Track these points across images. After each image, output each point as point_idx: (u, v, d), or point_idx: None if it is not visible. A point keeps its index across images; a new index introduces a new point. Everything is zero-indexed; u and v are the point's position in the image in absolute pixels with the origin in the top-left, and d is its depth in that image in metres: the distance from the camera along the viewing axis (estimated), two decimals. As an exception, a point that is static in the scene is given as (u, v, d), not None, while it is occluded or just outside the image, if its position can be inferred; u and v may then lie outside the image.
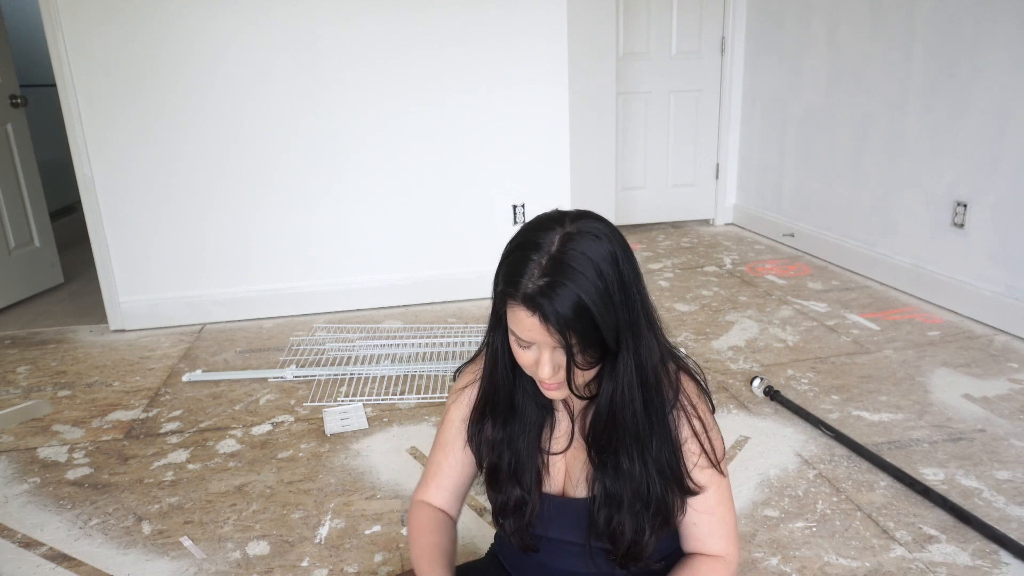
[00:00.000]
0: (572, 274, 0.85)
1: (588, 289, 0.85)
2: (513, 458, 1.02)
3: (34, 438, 2.23)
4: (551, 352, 0.89)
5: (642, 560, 1.00)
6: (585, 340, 0.86)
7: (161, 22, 2.86)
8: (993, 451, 1.96)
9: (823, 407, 2.24)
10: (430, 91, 3.13)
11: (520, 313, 0.87)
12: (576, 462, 1.03)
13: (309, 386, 2.51)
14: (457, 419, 1.09)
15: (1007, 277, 2.75)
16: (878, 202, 3.40)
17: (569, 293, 0.84)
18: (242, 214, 3.13)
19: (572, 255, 0.85)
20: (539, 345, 0.89)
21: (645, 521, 0.96)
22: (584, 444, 1.01)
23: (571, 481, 1.03)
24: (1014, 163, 2.67)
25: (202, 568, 1.62)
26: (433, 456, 1.13)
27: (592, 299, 0.85)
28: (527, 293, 0.85)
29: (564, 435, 1.03)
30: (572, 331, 0.85)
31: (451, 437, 1.10)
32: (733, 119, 4.54)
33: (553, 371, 0.89)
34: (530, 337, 0.88)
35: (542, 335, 0.86)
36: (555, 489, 1.04)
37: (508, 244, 0.92)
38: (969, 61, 2.81)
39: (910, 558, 1.57)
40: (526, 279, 0.86)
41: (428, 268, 3.34)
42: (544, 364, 0.89)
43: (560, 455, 1.04)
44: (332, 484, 1.92)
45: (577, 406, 1.03)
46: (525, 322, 0.87)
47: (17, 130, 3.50)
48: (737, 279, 3.54)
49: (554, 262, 0.85)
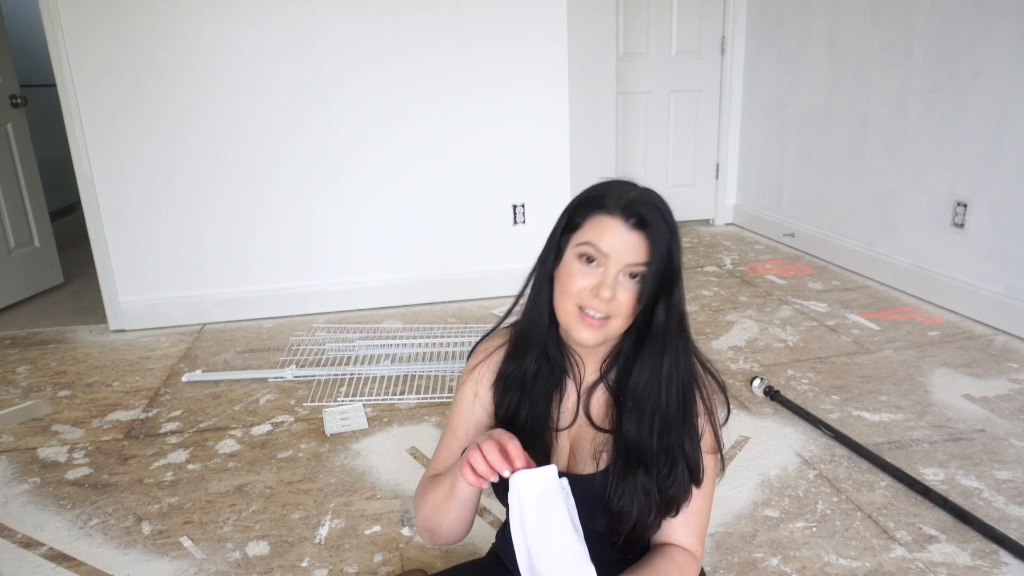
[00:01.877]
0: (666, 209, 0.92)
1: (675, 232, 0.92)
2: (526, 423, 1.02)
3: (34, 438, 2.23)
4: (616, 275, 0.91)
5: (642, 541, 1.00)
6: (658, 266, 0.90)
7: (161, 22, 2.86)
8: (993, 451, 1.96)
9: (823, 407, 2.24)
10: (430, 91, 3.13)
11: (614, 222, 0.91)
12: (582, 440, 1.03)
13: (309, 386, 2.51)
14: (469, 397, 1.08)
15: (1007, 277, 2.75)
16: (878, 202, 3.40)
17: (668, 218, 0.92)
18: (242, 214, 3.13)
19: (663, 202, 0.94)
20: (608, 265, 0.91)
21: (654, 498, 0.96)
22: (588, 423, 1.02)
23: (576, 458, 1.03)
24: (1014, 163, 2.67)
25: (202, 568, 1.62)
26: (443, 440, 1.12)
27: (675, 242, 0.92)
28: (631, 200, 0.91)
29: (570, 410, 1.03)
30: (657, 251, 0.90)
31: (462, 419, 1.09)
32: (733, 119, 4.54)
33: (612, 295, 0.90)
34: (611, 248, 0.90)
35: (629, 248, 0.90)
36: (560, 467, 1.03)
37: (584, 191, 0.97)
38: (969, 61, 2.81)
39: (910, 558, 1.57)
40: (623, 193, 0.92)
41: (428, 268, 3.34)
42: (607, 285, 0.90)
43: (564, 431, 1.04)
44: (332, 484, 1.92)
45: (588, 380, 1.03)
46: (615, 231, 0.90)
47: (17, 130, 3.50)
48: (737, 279, 3.54)
49: (650, 193, 0.94)
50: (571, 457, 1.04)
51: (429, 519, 1.05)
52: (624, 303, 0.91)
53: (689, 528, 1.01)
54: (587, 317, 0.92)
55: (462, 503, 0.99)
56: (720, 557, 1.59)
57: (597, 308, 0.91)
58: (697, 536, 1.02)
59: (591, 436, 1.02)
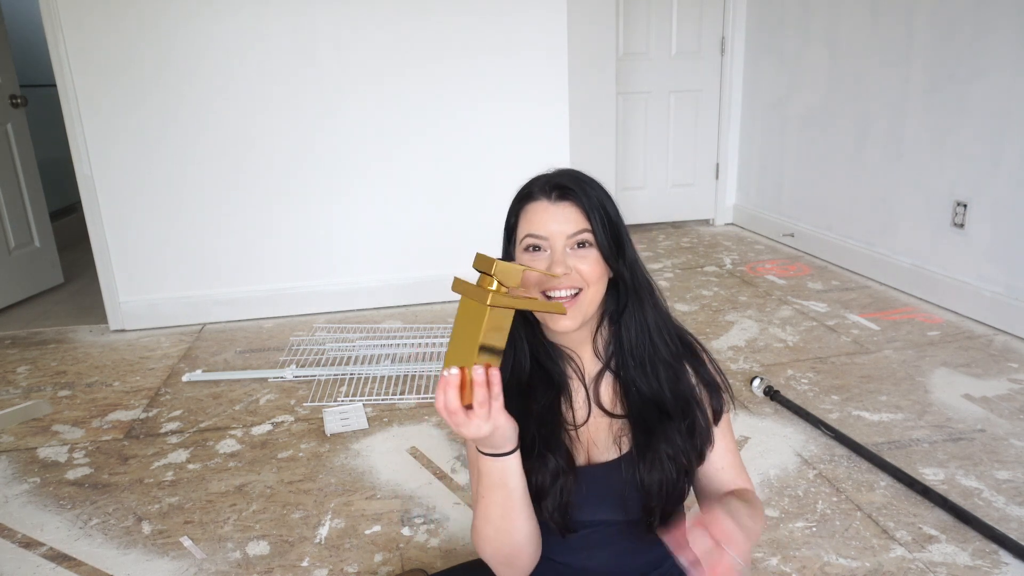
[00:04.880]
0: (586, 176, 0.97)
1: (603, 192, 0.96)
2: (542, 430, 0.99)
3: (34, 438, 2.23)
4: (562, 250, 0.93)
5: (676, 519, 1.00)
6: (600, 225, 0.93)
7: (159, 23, 2.87)
8: (993, 451, 1.96)
9: (823, 407, 2.24)
10: (430, 91, 3.13)
11: (539, 205, 0.95)
12: (599, 431, 1.03)
13: (309, 386, 2.51)
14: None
15: (1007, 277, 2.75)
16: (878, 202, 3.40)
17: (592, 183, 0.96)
18: (242, 214, 3.13)
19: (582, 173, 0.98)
20: (552, 245, 0.93)
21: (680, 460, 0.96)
22: (602, 412, 1.02)
23: (597, 448, 1.03)
24: (1014, 163, 2.67)
25: (202, 568, 1.62)
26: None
27: (608, 199, 0.96)
28: (548, 179, 0.96)
29: (582, 406, 1.03)
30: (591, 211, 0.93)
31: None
32: (733, 119, 4.54)
33: (565, 268, 0.92)
34: (545, 228, 0.93)
35: (561, 221, 0.93)
36: (582, 461, 1.02)
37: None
38: (969, 62, 2.81)
39: (910, 558, 1.57)
40: (542, 179, 0.97)
41: (428, 268, 3.34)
42: (557, 261, 0.92)
43: (583, 427, 1.03)
44: (332, 484, 1.92)
45: (590, 372, 1.03)
46: (542, 211, 0.94)
47: (17, 130, 3.50)
48: (737, 279, 3.55)
49: (567, 169, 0.98)
50: (592, 448, 1.03)
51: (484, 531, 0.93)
52: (585, 271, 0.93)
53: (741, 473, 1.05)
54: (560, 286, 0.93)
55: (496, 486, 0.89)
56: (720, 557, 1.59)
57: (559, 287, 0.93)
58: (743, 473, 1.05)
59: (608, 424, 1.02)
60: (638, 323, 0.98)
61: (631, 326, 0.98)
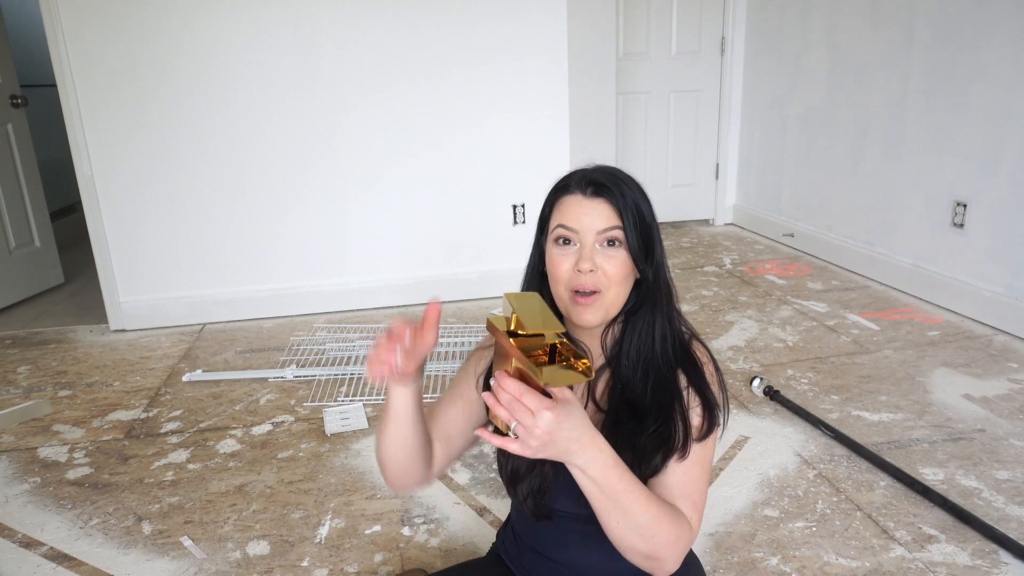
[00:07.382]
0: (623, 174, 0.97)
1: (639, 192, 0.96)
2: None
3: (34, 438, 2.23)
4: (591, 245, 0.93)
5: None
6: (632, 224, 0.93)
7: (160, 22, 2.87)
8: (993, 451, 1.97)
9: (823, 407, 2.24)
10: (430, 91, 3.13)
11: (574, 198, 0.95)
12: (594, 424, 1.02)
13: (309, 386, 2.51)
14: (470, 374, 1.07)
15: (1007, 277, 2.76)
16: (878, 202, 3.40)
17: (629, 182, 0.96)
18: (243, 214, 3.13)
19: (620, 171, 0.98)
20: (582, 239, 0.93)
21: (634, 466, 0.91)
22: (596, 409, 1.01)
23: None
24: (1014, 163, 2.68)
25: (202, 568, 1.62)
26: (436, 403, 1.09)
27: (643, 200, 0.96)
28: (586, 174, 0.95)
29: (580, 398, 1.02)
30: (625, 210, 0.93)
31: (459, 391, 1.06)
32: (733, 119, 4.54)
33: (592, 265, 0.92)
34: (578, 221, 0.93)
35: (593, 216, 0.93)
36: None
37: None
38: (969, 61, 2.81)
39: (910, 558, 1.57)
40: (580, 173, 0.96)
41: (428, 268, 3.34)
42: (585, 257, 0.92)
43: None
44: (332, 484, 1.93)
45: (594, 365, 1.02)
46: (577, 205, 0.94)
47: (17, 130, 3.50)
48: (737, 279, 3.55)
49: (606, 166, 0.97)
50: None
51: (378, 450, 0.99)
52: (610, 271, 0.93)
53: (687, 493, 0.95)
54: (580, 297, 0.93)
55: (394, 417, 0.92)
56: (720, 557, 1.59)
57: (584, 285, 0.93)
58: (695, 507, 0.96)
59: (600, 420, 1.01)
60: (646, 326, 0.98)
61: (638, 327, 0.98)
